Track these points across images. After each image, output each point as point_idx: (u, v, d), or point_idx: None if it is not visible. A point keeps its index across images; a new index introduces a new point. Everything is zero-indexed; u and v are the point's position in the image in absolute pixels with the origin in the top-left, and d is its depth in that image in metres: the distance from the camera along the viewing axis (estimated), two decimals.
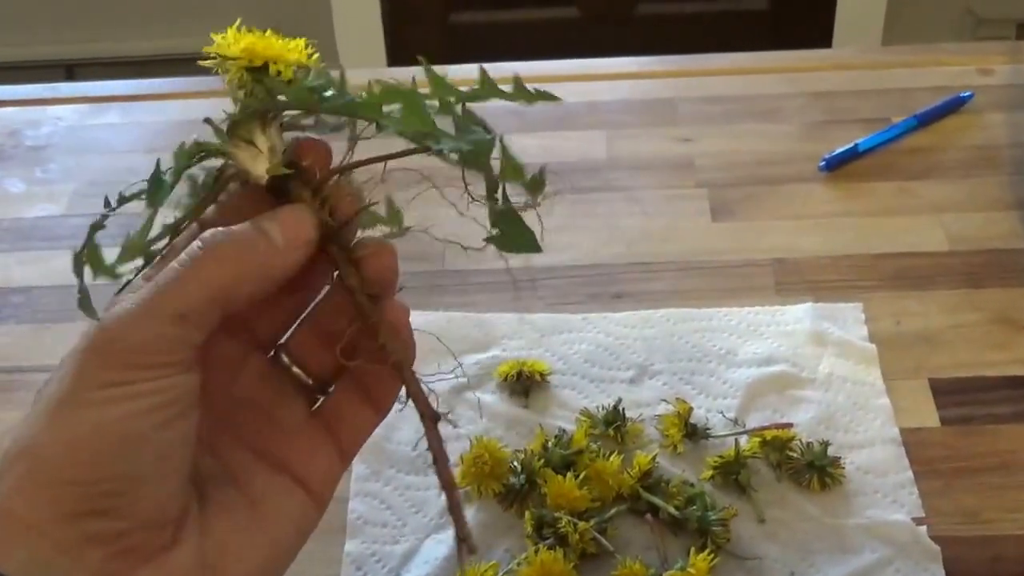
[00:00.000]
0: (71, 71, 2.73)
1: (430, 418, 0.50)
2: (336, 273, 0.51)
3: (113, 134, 1.06)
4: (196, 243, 0.48)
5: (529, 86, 0.51)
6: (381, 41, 2.64)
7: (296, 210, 0.50)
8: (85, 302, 0.48)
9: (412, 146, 0.50)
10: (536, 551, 0.65)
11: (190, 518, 0.49)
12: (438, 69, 0.51)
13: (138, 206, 0.50)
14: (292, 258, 0.49)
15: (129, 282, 0.49)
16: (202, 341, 0.47)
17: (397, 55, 2.68)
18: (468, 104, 0.50)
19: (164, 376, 0.46)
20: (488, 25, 2.73)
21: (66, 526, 0.45)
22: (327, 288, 0.54)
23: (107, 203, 0.51)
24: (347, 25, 2.63)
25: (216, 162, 0.52)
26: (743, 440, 0.72)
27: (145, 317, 0.46)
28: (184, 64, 2.71)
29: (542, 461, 0.70)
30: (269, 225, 0.49)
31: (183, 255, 0.48)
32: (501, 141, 0.50)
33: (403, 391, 0.51)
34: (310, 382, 0.55)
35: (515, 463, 0.71)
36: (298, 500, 0.53)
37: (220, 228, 0.49)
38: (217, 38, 0.51)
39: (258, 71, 0.50)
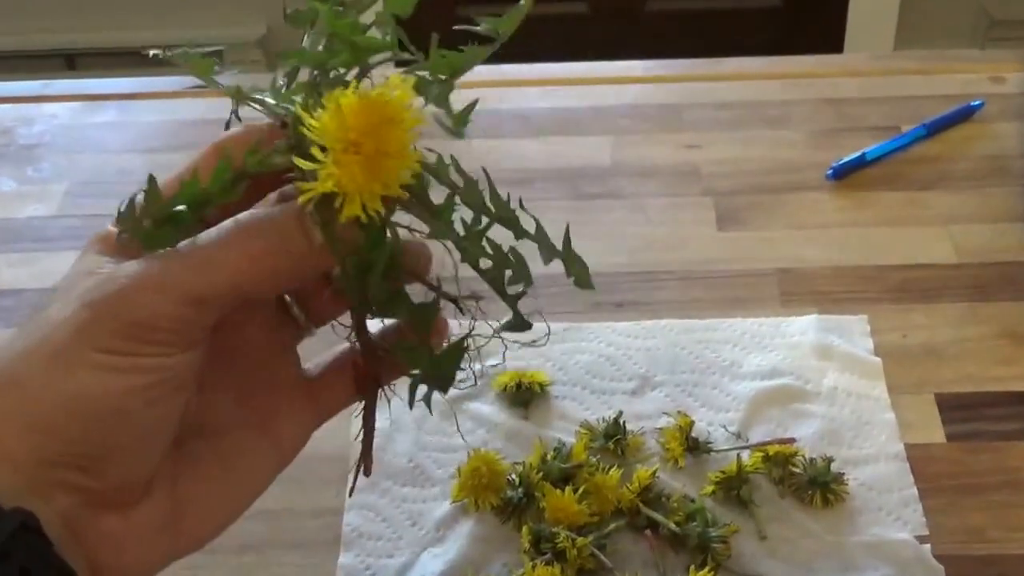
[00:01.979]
0: (72, 61, 2.72)
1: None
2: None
3: (108, 133, 1.05)
4: (230, 222, 0.46)
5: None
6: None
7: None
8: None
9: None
10: (533, 567, 0.65)
11: (162, 471, 0.48)
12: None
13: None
14: (330, 260, 0.47)
15: None
16: (214, 322, 0.46)
17: (402, 51, 2.67)
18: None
19: (167, 354, 0.45)
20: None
21: (42, 469, 0.44)
22: None
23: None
24: None
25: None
26: (745, 455, 0.71)
27: (159, 292, 0.45)
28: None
29: (541, 474, 0.70)
30: (311, 223, 0.46)
31: (212, 231, 0.46)
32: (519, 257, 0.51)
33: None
34: (308, 324, 0.55)
35: (513, 476, 0.70)
36: (266, 456, 0.53)
37: (257, 212, 0.47)
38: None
39: None
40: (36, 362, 0.45)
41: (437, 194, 0.49)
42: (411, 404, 0.52)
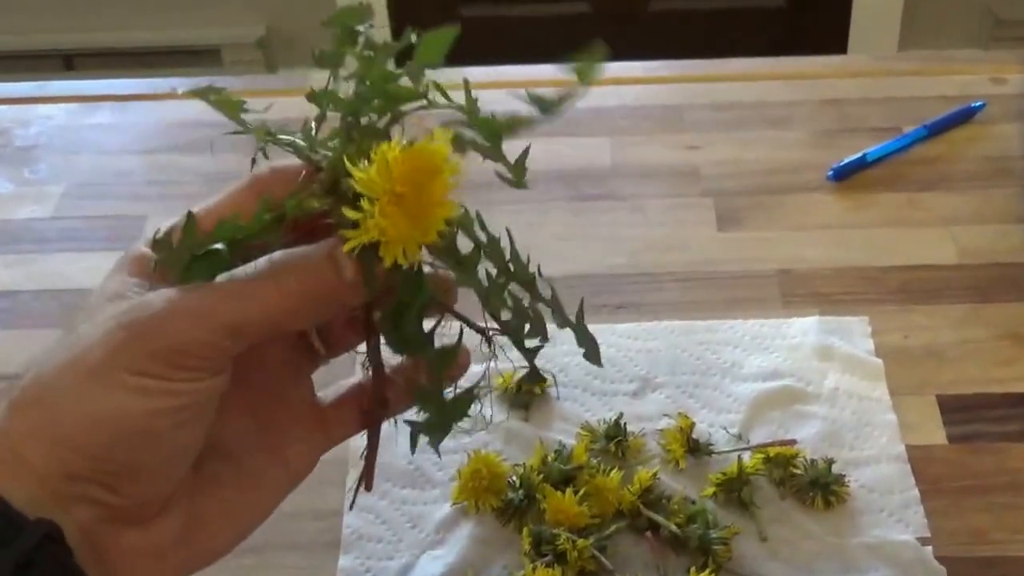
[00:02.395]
0: (69, 61, 2.72)
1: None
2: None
3: (104, 134, 1.05)
4: (265, 259, 0.48)
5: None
6: (388, 38, 2.63)
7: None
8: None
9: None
10: (534, 568, 0.64)
11: (180, 489, 0.50)
12: (443, 71, 0.51)
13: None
14: (360, 296, 0.49)
15: None
16: (244, 350, 0.48)
17: (404, 50, 2.66)
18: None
19: (198, 379, 0.47)
20: (498, 20, 2.71)
21: (66, 483, 0.46)
22: None
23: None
24: None
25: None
26: (746, 456, 0.71)
27: (196, 320, 0.46)
28: (186, 55, 2.72)
29: (541, 476, 0.69)
30: (343, 258, 0.48)
31: (249, 267, 0.48)
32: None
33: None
34: (325, 353, 0.56)
35: (514, 478, 0.70)
36: (278, 478, 0.54)
37: (292, 251, 0.48)
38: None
39: None
40: (68, 380, 0.46)
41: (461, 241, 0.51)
42: (412, 449, 0.55)
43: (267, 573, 0.67)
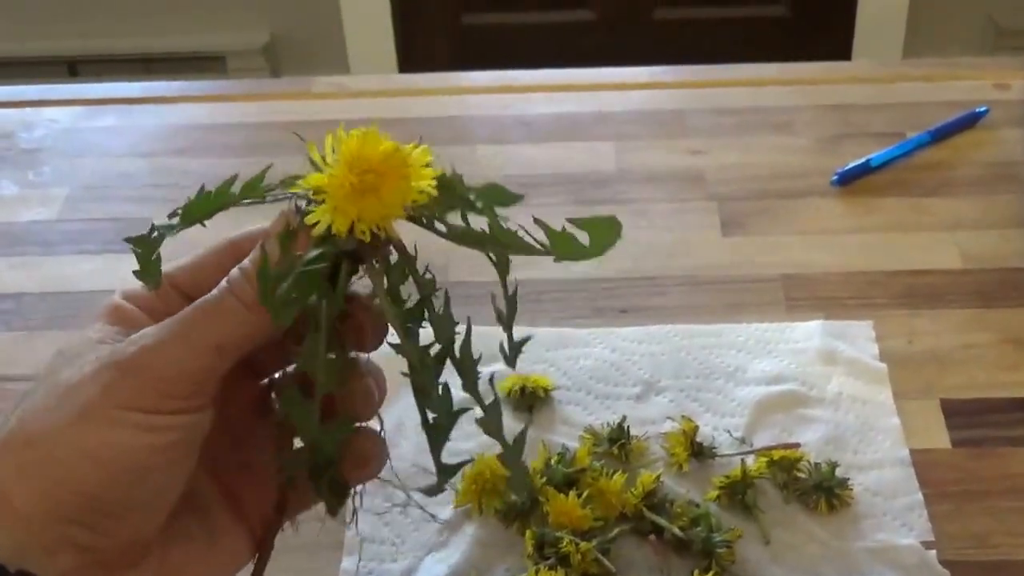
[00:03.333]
0: (73, 68, 2.73)
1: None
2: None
3: (109, 137, 1.05)
4: (224, 280, 0.49)
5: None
6: (392, 44, 2.64)
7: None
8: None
9: None
10: (537, 571, 0.64)
11: (157, 539, 0.50)
12: (448, 75, 0.51)
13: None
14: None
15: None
16: (226, 371, 0.49)
17: (408, 58, 2.67)
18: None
19: (187, 411, 0.48)
20: (501, 28, 2.72)
21: (52, 525, 0.46)
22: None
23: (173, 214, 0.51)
24: (357, 28, 2.62)
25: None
26: (750, 460, 0.71)
27: (182, 348, 0.47)
28: (190, 62, 2.72)
29: (544, 479, 0.69)
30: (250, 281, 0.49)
31: (215, 290, 0.49)
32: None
33: None
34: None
35: None
36: (244, 539, 0.54)
37: (242, 265, 0.49)
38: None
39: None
40: (60, 420, 0.47)
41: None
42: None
43: (269, 575, 0.67)
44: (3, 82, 1.15)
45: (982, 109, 1.00)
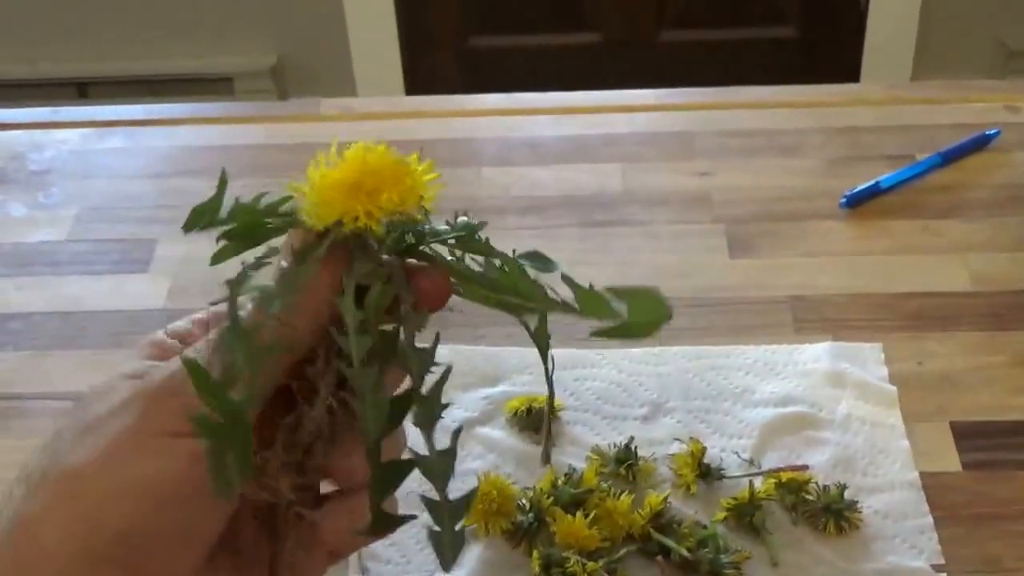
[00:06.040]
0: (83, 89, 2.73)
1: None
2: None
3: (118, 159, 1.05)
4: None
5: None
6: (399, 67, 2.65)
7: None
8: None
9: None
10: None
11: None
12: (455, 97, 0.51)
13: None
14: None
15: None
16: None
17: (414, 81, 2.67)
18: None
19: None
20: (507, 50, 2.72)
21: (82, 567, 0.45)
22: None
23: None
24: (364, 50, 2.63)
25: None
26: (758, 481, 0.70)
27: None
28: (198, 84, 2.73)
29: (551, 499, 0.69)
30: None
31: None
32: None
33: None
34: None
35: (523, 501, 0.69)
36: None
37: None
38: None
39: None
40: (92, 453, 0.46)
41: None
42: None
43: None
44: (13, 104, 1.15)
45: (993, 131, 1.00)
